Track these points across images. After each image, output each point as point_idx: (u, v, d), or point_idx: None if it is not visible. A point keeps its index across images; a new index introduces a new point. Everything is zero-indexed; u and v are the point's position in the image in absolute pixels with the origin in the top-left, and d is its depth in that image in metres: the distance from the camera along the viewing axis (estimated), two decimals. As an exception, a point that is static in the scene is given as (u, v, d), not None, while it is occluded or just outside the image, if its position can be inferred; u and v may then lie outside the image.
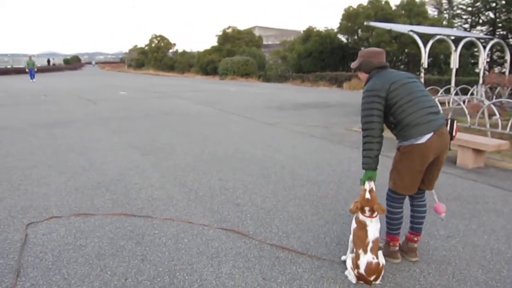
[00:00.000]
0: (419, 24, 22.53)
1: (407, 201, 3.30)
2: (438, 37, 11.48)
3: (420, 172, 3.04)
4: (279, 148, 7.21)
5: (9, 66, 45.04)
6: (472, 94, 12.14)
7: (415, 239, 3.26)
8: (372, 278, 2.83)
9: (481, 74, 12.89)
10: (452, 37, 12.63)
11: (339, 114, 11.86)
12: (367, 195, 2.93)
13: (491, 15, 24.55)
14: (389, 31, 22.98)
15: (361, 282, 2.86)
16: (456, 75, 12.72)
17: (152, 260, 3.20)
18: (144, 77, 38.15)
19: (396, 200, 3.19)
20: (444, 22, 26.15)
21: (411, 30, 11.32)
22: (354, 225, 3.01)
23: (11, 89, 21.35)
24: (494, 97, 12.07)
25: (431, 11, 28.65)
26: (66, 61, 78.08)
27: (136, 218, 4.02)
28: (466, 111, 7.65)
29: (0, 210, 4.22)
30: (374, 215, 2.94)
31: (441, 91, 11.10)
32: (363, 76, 3.27)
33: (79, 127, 9.33)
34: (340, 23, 29.15)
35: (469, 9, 25.80)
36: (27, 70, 27.67)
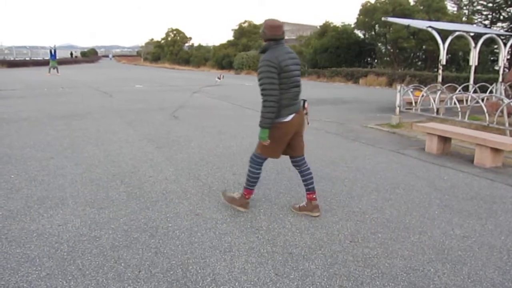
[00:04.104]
0: (438, 20, 22.14)
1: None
2: (457, 33, 11.28)
3: (285, 142, 3.85)
4: (293, 143, 7.17)
5: (27, 58, 45.59)
6: (491, 92, 11.92)
7: (314, 196, 3.99)
8: None
9: (501, 72, 12.64)
10: (472, 34, 12.40)
11: (354, 111, 11.76)
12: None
13: (512, 11, 24.04)
14: (407, 27, 22.64)
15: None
16: (475, 72, 12.50)
17: (165, 253, 3.22)
18: (160, 71, 38.33)
19: (259, 162, 3.95)
20: (464, 18, 25.65)
21: (430, 26, 11.15)
22: None
23: (29, 81, 21.64)
24: (514, 95, 11.81)
25: (451, 7, 28.15)
26: (83, 54, 78.83)
27: (150, 211, 4.05)
28: (485, 109, 7.52)
29: (17, 200, 4.29)
30: None
31: (459, 88, 10.92)
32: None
33: (95, 119, 9.42)
34: (357, 19, 28.79)
35: (490, 5, 25.30)
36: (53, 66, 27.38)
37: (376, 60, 30.17)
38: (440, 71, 11.38)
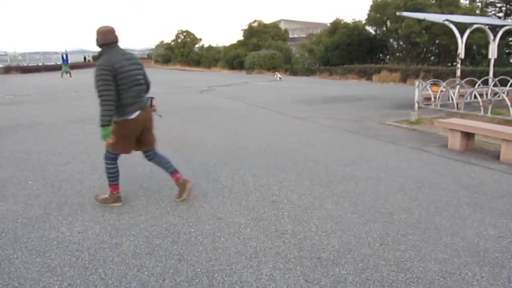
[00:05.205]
0: (450, 13, 21.74)
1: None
2: (475, 26, 11.00)
3: (133, 138, 4.05)
4: (311, 142, 7.04)
5: (40, 64, 45.87)
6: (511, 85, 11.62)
7: (178, 175, 4.26)
8: None
9: (520, 64, 12.32)
10: (489, 26, 12.10)
11: (370, 108, 11.57)
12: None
13: (528, 2, 23.55)
14: (420, 21, 22.32)
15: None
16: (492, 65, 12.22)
17: (189, 260, 3.11)
18: (171, 72, 38.33)
19: (112, 158, 4.11)
20: (477, 11, 25.21)
21: (447, 20, 10.91)
22: None
23: (42, 86, 21.77)
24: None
25: (463, 0, 27.69)
26: (95, 58, 79.45)
27: (171, 216, 3.95)
28: (509, 103, 7.29)
29: (36, 207, 4.22)
30: None
31: (478, 82, 10.65)
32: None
33: (109, 122, 9.35)
34: (368, 15, 28.45)
35: (504, -3, 24.83)
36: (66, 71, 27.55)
37: (388, 56, 29.81)
38: (458, 65, 11.14)
